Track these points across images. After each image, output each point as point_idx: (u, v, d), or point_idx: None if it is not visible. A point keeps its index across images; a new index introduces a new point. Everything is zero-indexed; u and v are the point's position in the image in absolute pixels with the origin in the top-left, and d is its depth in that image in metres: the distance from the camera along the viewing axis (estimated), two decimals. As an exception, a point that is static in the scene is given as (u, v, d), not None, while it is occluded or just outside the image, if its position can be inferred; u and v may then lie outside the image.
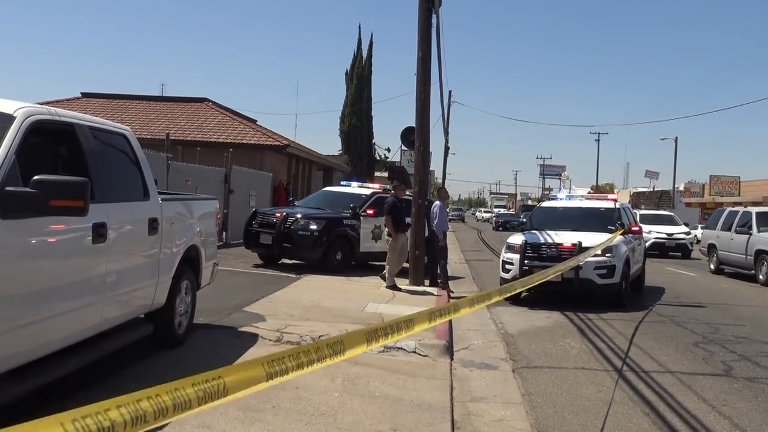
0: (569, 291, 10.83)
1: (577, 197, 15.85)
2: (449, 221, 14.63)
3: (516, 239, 11.65)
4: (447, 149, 38.43)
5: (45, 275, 3.99)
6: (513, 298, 10.66)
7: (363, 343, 2.90)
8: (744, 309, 11.65)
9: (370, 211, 13.77)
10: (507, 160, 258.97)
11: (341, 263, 13.15)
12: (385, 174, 33.61)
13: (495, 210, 77.30)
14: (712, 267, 18.72)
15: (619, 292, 10.91)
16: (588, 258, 10.19)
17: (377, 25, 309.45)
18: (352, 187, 15.82)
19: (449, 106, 41.14)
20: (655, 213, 28.81)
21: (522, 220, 19.38)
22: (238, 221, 16.22)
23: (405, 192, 12.70)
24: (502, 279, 11.42)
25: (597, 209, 12.94)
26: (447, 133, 37.09)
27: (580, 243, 10.71)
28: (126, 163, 5.46)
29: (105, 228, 4.54)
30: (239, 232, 14.89)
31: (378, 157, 41.14)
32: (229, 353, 5.98)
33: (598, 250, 10.38)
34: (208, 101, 27.87)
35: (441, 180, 39.82)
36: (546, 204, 15.12)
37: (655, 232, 24.07)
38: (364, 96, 36.19)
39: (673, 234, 24.69)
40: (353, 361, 5.86)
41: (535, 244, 11.30)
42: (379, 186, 16.54)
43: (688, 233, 25.35)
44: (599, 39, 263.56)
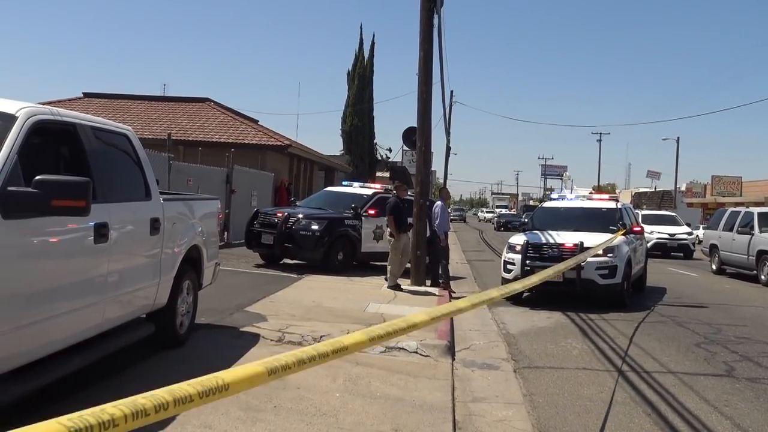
0: (571, 291, 10.82)
1: (579, 197, 15.83)
2: (451, 221, 14.61)
3: (517, 239, 11.65)
4: (448, 149, 38.35)
5: (47, 275, 4.00)
6: (514, 298, 10.67)
7: (365, 342, 2.90)
8: (746, 309, 11.64)
9: (371, 212, 13.77)
10: (508, 160, 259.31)
11: (343, 263, 13.15)
12: (387, 174, 33.54)
13: (497, 210, 77.13)
14: (713, 267, 18.70)
15: (621, 292, 10.90)
16: (590, 258, 10.19)
17: (379, 26, 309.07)
18: (353, 188, 15.81)
19: (451, 106, 41.12)
20: (657, 213, 28.71)
21: (523, 220, 19.31)
22: (239, 221, 16.24)
23: (407, 192, 12.69)
24: (503, 279, 11.40)
25: (599, 209, 12.92)
26: (449, 133, 37.10)
27: (581, 243, 10.70)
28: (128, 163, 5.47)
29: (107, 228, 4.55)
30: (241, 232, 14.92)
31: (379, 158, 41.09)
32: (231, 353, 5.98)
33: (599, 249, 10.38)
34: (209, 101, 27.89)
35: (442, 180, 39.70)
36: (548, 204, 15.08)
37: (657, 232, 24.08)
38: (365, 96, 36.15)
39: (675, 234, 24.66)
40: (355, 362, 5.87)
41: (537, 244, 11.30)
42: (381, 186, 16.51)
43: (690, 234, 25.31)
44: (600, 39, 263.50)
